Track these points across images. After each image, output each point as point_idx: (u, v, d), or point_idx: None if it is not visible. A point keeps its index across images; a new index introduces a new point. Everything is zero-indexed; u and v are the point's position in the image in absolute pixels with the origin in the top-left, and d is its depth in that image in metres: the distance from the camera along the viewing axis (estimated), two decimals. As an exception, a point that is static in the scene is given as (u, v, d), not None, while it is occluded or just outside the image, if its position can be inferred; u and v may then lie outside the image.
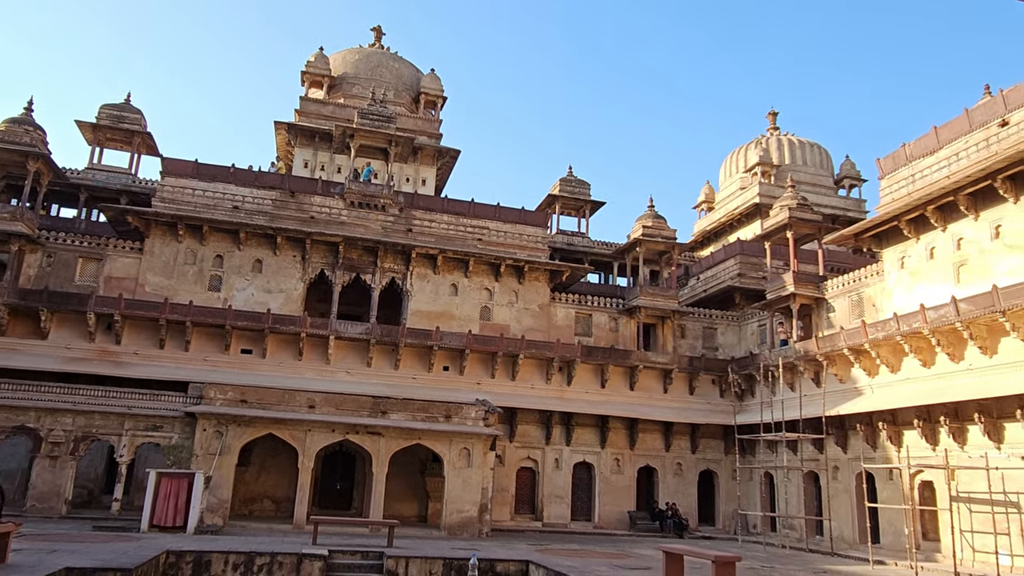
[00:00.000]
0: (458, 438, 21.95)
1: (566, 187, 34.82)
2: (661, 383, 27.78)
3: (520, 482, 26.00)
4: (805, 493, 23.93)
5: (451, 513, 21.54)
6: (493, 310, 27.46)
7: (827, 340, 22.92)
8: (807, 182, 37.33)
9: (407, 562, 14.97)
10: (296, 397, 21.50)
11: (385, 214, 27.12)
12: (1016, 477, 16.82)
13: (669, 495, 26.81)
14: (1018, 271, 17.38)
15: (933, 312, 18.92)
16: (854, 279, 23.89)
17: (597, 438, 26.81)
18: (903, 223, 21.02)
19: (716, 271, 32.31)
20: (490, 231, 28.06)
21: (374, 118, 28.75)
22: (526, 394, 26.26)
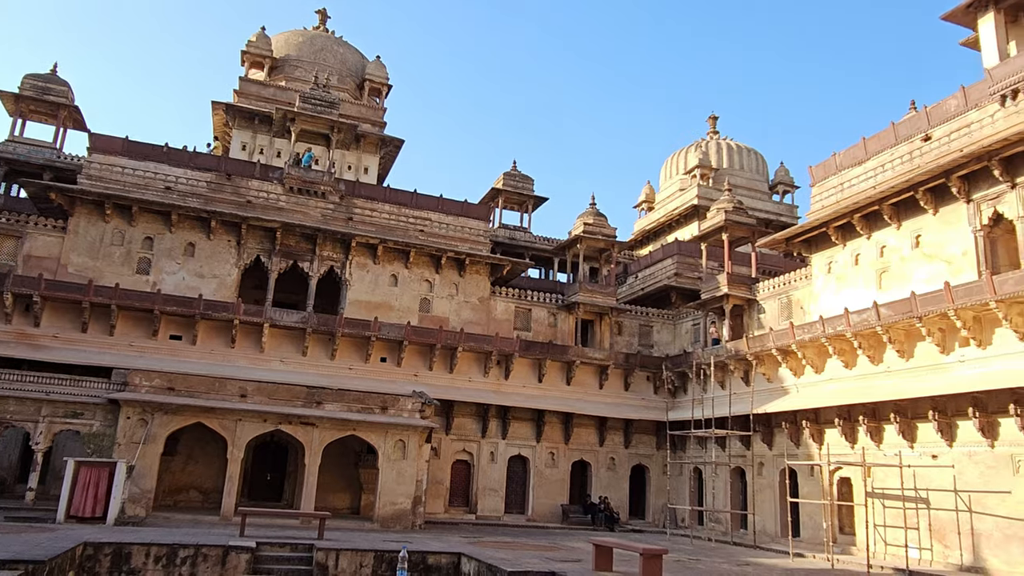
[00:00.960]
0: (394, 430, 21.78)
1: (510, 181, 34.90)
2: (597, 379, 28.18)
3: (455, 475, 26.01)
4: (732, 488, 24.70)
5: (384, 505, 21.38)
6: (433, 302, 27.32)
7: (757, 340, 23.66)
8: (743, 186, 38.39)
9: (337, 554, 14.79)
10: (227, 385, 20.94)
11: (325, 201, 26.63)
12: (926, 475, 17.75)
13: (602, 489, 27.26)
14: (935, 279, 18.28)
15: (856, 316, 19.73)
16: (784, 282, 24.72)
17: (533, 432, 27.03)
18: (831, 230, 21.84)
19: (654, 270, 32.93)
20: (432, 223, 27.89)
21: (316, 103, 28.16)
22: (463, 387, 26.25)
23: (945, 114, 19.02)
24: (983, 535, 16.35)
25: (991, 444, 16.55)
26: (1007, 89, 17.29)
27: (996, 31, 18.20)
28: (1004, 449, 16.30)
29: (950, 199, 18.47)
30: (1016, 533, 15.69)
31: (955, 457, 17.30)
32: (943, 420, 17.53)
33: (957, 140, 18.44)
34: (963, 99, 18.54)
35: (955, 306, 16.96)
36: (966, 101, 18.45)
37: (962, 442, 17.26)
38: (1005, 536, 15.90)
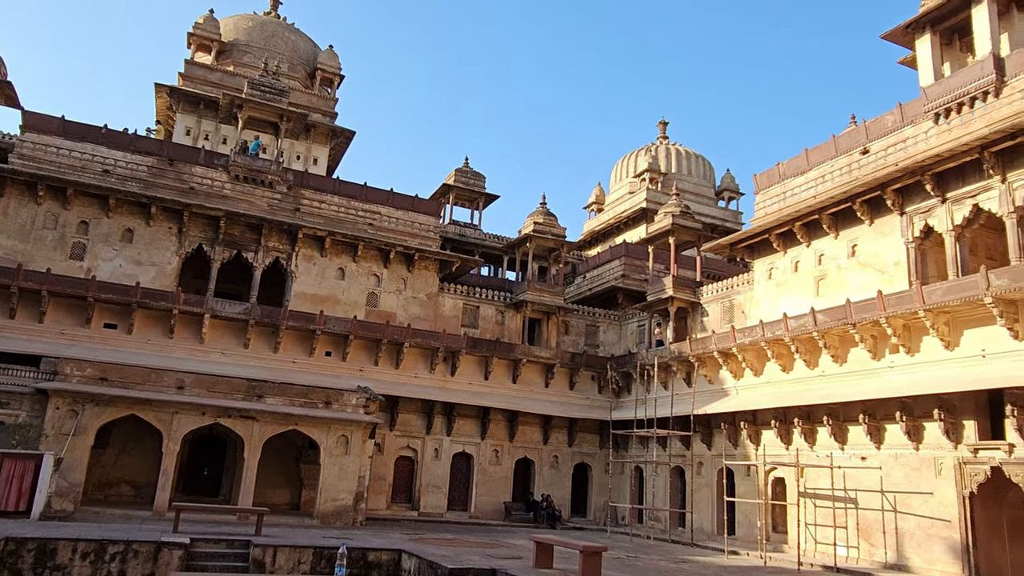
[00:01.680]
0: (337, 425, 21.51)
1: (461, 178, 34.81)
2: (543, 377, 28.36)
3: (398, 471, 25.83)
4: (671, 487, 25.19)
5: (325, 501, 21.10)
6: (380, 297, 27.05)
7: (699, 343, 24.17)
8: (691, 191, 39.15)
9: (275, 551, 14.54)
10: (164, 377, 20.34)
11: (272, 191, 26.08)
12: (855, 475, 18.43)
13: (545, 487, 27.45)
14: (869, 287, 18.98)
15: (794, 321, 20.35)
16: (727, 286, 25.31)
17: (478, 429, 27.04)
18: (773, 237, 22.46)
19: (602, 271, 33.31)
20: (382, 216, 27.60)
21: (265, 90, 27.55)
22: (409, 383, 26.09)
23: (883, 129, 19.76)
24: (906, 534, 17.08)
25: (916, 447, 17.29)
26: (940, 108, 18.07)
27: (932, 52, 18.99)
28: (928, 452, 17.04)
29: (885, 211, 19.20)
30: (937, 532, 16.43)
31: (883, 459, 18.01)
32: (872, 423, 18.23)
33: (893, 154, 19.18)
34: (900, 115, 19.29)
35: (886, 314, 17.64)
36: (902, 117, 19.21)
37: (889, 445, 17.98)
38: (927, 535, 16.64)
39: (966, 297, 16.01)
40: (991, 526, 16.18)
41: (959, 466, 16.31)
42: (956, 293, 16.29)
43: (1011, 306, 15.62)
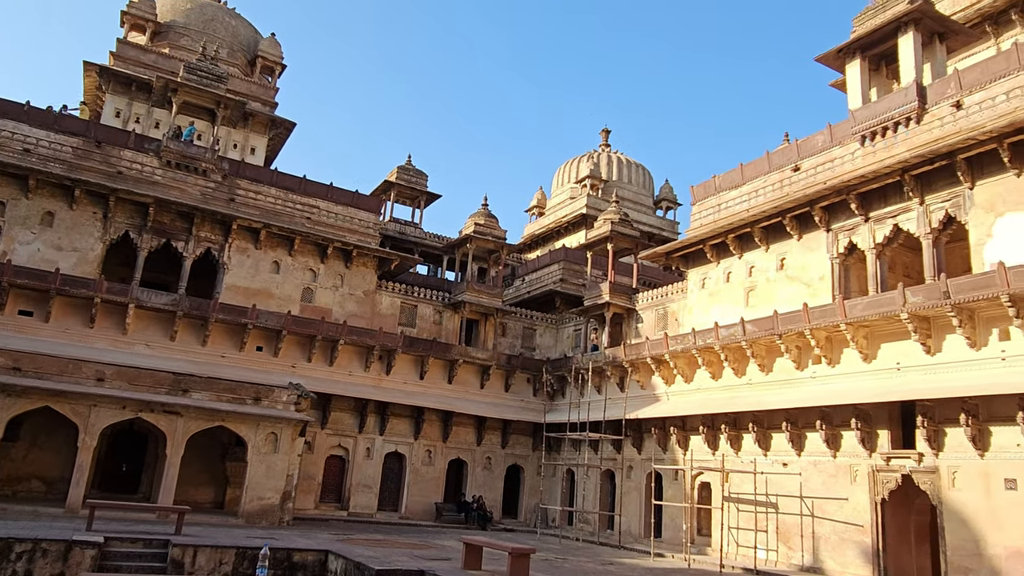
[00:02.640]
0: (266, 422, 21.00)
1: (403, 175, 34.48)
2: (479, 378, 28.35)
3: (329, 470, 25.39)
4: (601, 490, 25.56)
5: (251, 500, 20.56)
6: (316, 292, 26.54)
7: (633, 348, 24.61)
8: (630, 199, 39.84)
9: (195, 551, 14.07)
10: (82, 368, 19.46)
11: (206, 179, 25.27)
12: (777, 481, 19.08)
13: (477, 488, 27.45)
14: (795, 300, 19.69)
15: (725, 331, 20.93)
16: (662, 294, 25.85)
17: (411, 429, 26.83)
18: (707, 247, 23.05)
19: (541, 274, 33.54)
20: (320, 211, 27.09)
21: (203, 75, 26.68)
22: (343, 380, 25.69)
23: (813, 148, 20.53)
24: (822, 538, 17.78)
25: (834, 455, 18.02)
26: (867, 131, 18.91)
27: (861, 77, 19.86)
28: (844, 460, 17.79)
29: (813, 227, 19.96)
30: (850, 537, 17.16)
31: (803, 465, 18.71)
32: (794, 431, 18.92)
33: (822, 173, 19.96)
34: (829, 136, 20.10)
35: (811, 326, 18.33)
36: (832, 138, 20.01)
37: (809, 452, 18.68)
38: (841, 539, 17.37)
39: (884, 313, 16.79)
40: (900, 531, 17.01)
41: (873, 474, 17.08)
42: (875, 308, 17.06)
43: (924, 322, 16.46)
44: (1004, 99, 16.18)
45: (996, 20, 22.33)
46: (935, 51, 19.25)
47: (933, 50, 19.21)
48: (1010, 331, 15.08)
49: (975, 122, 16.46)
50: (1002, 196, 15.95)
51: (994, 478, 14.78)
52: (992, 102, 16.40)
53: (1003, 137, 15.49)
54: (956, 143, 16.19)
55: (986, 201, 16.23)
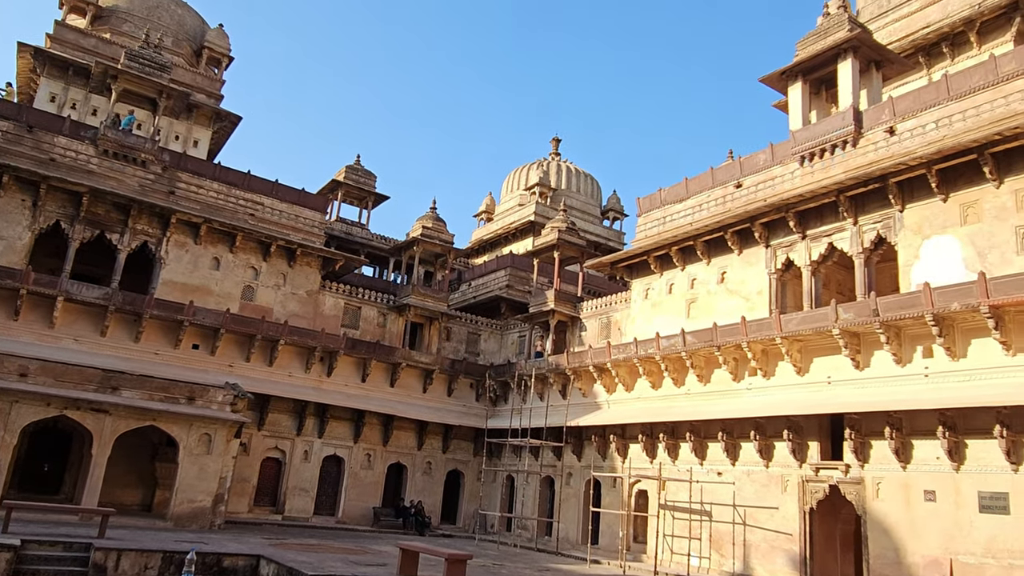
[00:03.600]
0: (200, 422, 20.41)
1: (352, 175, 34.10)
2: (422, 383, 28.17)
3: (264, 473, 24.81)
4: (540, 496, 25.68)
5: (181, 503, 19.94)
6: (257, 291, 25.95)
7: (576, 356, 24.83)
8: (578, 208, 40.27)
9: (119, 555, 13.57)
10: (4, 362, 18.57)
11: (145, 170, 24.46)
12: (712, 490, 19.50)
13: (417, 493, 27.22)
14: (734, 313, 20.20)
15: (665, 341, 21.31)
16: (606, 303, 26.17)
17: (351, 432, 26.46)
18: (651, 259, 23.45)
19: (487, 280, 33.55)
20: (264, 207, 26.53)
21: (145, 63, 25.84)
22: (282, 381, 25.17)
23: (755, 166, 21.14)
24: (753, 546, 18.24)
25: (766, 465, 18.53)
26: (806, 152, 19.58)
27: (802, 99, 20.55)
28: (776, 470, 18.31)
29: (752, 242, 20.52)
30: (780, 545, 17.65)
31: (737, 475, 19.17)
32: (730, 441, 19.37)
33: (763, 190, 20.56)
34: (771, 155, 20.73)
35: (748, 339, 18.83)
36: (773, 157, 20.64)
37: (743, 462, 19.16)
38: (771, 547, 17.85)
39: (817, 328, 17.37)
40: (826, 540, 17.58)
41: (802, 484, 17.62)
42: (809, 324, 17.64)
43: (855, 338, 17.09)
44: (934, 127, 16.98)
45: (928, 52, 23.47)
46: (872, 78, 20.08)
47: (870, 77, 20.04)
48: (933, 349, 15.79)
49: (907, 148, 17.22)
50: (929, 220, 16.71)
51: (914, 489, 15.43)
52: (923, 130, 17.19)
53: (932, 163, 16.24)
54: (888, 167, 16.90)
55: (915, 224, 16.98)
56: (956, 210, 16.24)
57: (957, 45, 22.85)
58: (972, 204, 15.99)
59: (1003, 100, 15.82)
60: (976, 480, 14.46)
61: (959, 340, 15.41)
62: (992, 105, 15.99)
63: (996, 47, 21.27)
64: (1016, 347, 14.47)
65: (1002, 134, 14.93)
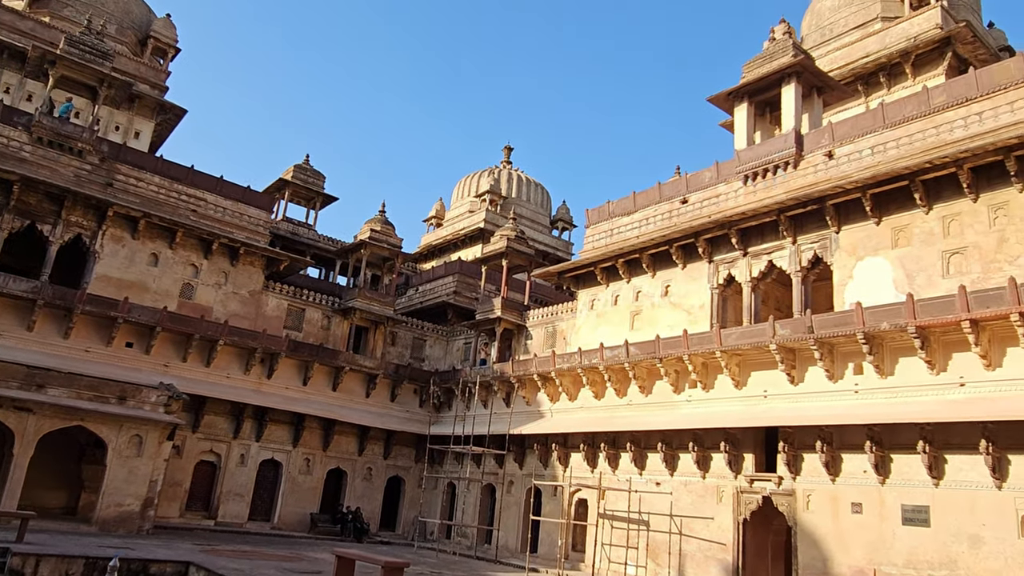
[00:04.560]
0: (131, 423, 19.71)
1: (300, 175, 33.56)
2: (365, 387, 27.83)
3: (198, 477, 24.09)
4: (481, 504, 25.62)
5: (108, 506, 19.20)
6: (197, 289, 25.24)
7: (521, 365, 24.91)
8: (528, 217, 40.49)
9: (38, 560, 12.98)
10: (-80, 357, 17.62)
11: (81, 160, 23.57)
12: (650, 499, 19.79)
13: (356, 499, 26.84)
14: (677, 326, 20.58)
15: (609, 352, 21.57)
16: (552, 313, 26.36)
17: (290, 436, 25.95)
18: (598, 270, 23.73)
19: (435, 285, 33.43)
20: (208, 204, 25.85)
21: (86, 49, 24.91)
22: (220, 383, 24.52)
23: (701, 183, 21.64)
24: (688, 555, 18.57)
25: (703, 476, 18.90)
26: (749, 171, 20.14)
27: (747, 120, 21.16)
28: (713, 481, 18.70)
29: (696, 258, 20.98)
30: (714, 555, 18.01)
31: (675, 485, 19.50)
32: (669, 452, 19.70)
33: (708, 207, 21.05)
34: (716, 173, 21.25)
35: (689, 352, 19.21)
36: (718, 175, 21.16)
37: (681, 472, 19.51)
38: (705, 557, 18.20)
39: (755, 343, 17.84)
40: (759, 550, 18.02)
41: (737, 494, 18.04)
42: (747, 339, 18.11)
43: (790, 354, 17.62)
44: (870, 153, 17.69)
45: (867, 80, 24.48)
46: (813, 103, 20.82)
47: (812, 102, 20.76)
48: (863, 366, 16.39)
49: (844, 172, 17.89)
50: (863, 241, 17.38)
51: (843, 502, 15.96)
52: (859, 155, 17.90)
53: (866, 188, 16.91)
54: (826, 190, 17.52)
55: (849, 245, 17.63)
56: (888, 233, 16.93)
57: (894, 76, 23.92)
58: (903, 228, 16.70)
59: (934, 130, 16.60)
60: (900, 493, 15.05)
61: (887, 358, 16.04)
62: (924, 135, 16.75)
63: (929, 79, 22.34)
64: (939, 366, 15.14)
65: (932, 163, 15.66)
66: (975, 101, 16.03)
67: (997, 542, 13.44)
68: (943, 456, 14.57)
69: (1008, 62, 16.18)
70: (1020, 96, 15.31)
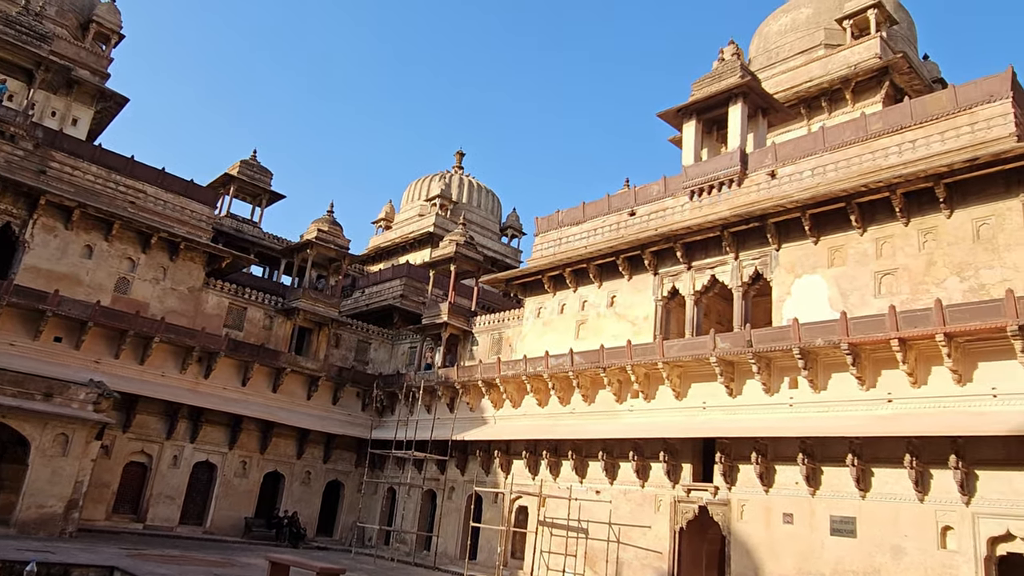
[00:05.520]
0: (56, 421, 18.91)
1: (246, 170, 32.84)
2: (306, 389, 27.35)
3: (127, 478, 23.23)
4: (422, 510, 25.42)
5: (28, 508, 18.36)
6: (133, 284, 24.40)
7: (466, 371, 24.85)
8: (478, 223, 40.50)
9: (-50, 565, 12.34)
10: None
11: (14, 145, 22.57)
12: (590, 507, 19.95)
13: (294, 503, 26.30)
14: (621, 336, 20.86)
15: (554, 360, 21.70)
16: (499, 319, 26.39)
17: (227, 438, 25.28)
18: (546, 278, 23.89)
19: (382, 288, 33.10)
20: (148, 196, 25.05)
21: (22, 30, 23.90)
22: (154, 381, 23.74)
23: (649, 196, 22.01)
24: (625, 563, 18.78)
25: (642, 485, 19.17)
26: (696, 187, 20.60)
27: (695, 137, 21.65)
28: (651, 490, 18.98)
29: (642, 269, 21.32)
30: (651, 563, 18.27)
31: (614, 493, 19.72)
32: (609, 461, 19.92)
33: (655, 220, 21.42)
34: (664, 187, 21.65)
35: (632, 362, 19.48)
36: (665, 189, 21.57)
37: (621, 481, 19.74)
38: (642, 565, 18.44)
39: (696, 355, 18.21)
40: (694, 559, 18.36)
41: (674, 504, 18.34)
42: (689, 351, 18.47)
43: (730, 367, 18.04)
44: (810, 174, 18.30)
45: (809, 104, 25.34)
46: (759, 123, 21.44)
47: (757, 122, 21.38)
48: (798, 380, 16.90)
49: (785, 192, 18.46)
50: (801, 260, 17.95)
51: (775, 512, 16.40)
52: (800, 176, 18.49)
53: (806, 208, 17.47)
54: (768, 208, 18.04)
55: (788, 262, 18.19)
56: (825, 253, 17.53)
57: (835, 101, 24.82)
58: (839, 248, 17.32)
59: (871, 155, 17.28)
60: (829, 505, 15.55)
61: (821, 373, 16.58)
62: (861, 159, 17.43)
63: (868, 106, 23.26)
64: (869, 382, 15.73)
65: (868, 187, 16.30)
66: (909, 129, 16.76)
67: (918, 553, 14.01)
68: (870, 469, 15.12)
69: (940, 94, 16.97)
70: (950, 127, 16.08)
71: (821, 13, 27.60)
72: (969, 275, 15.05)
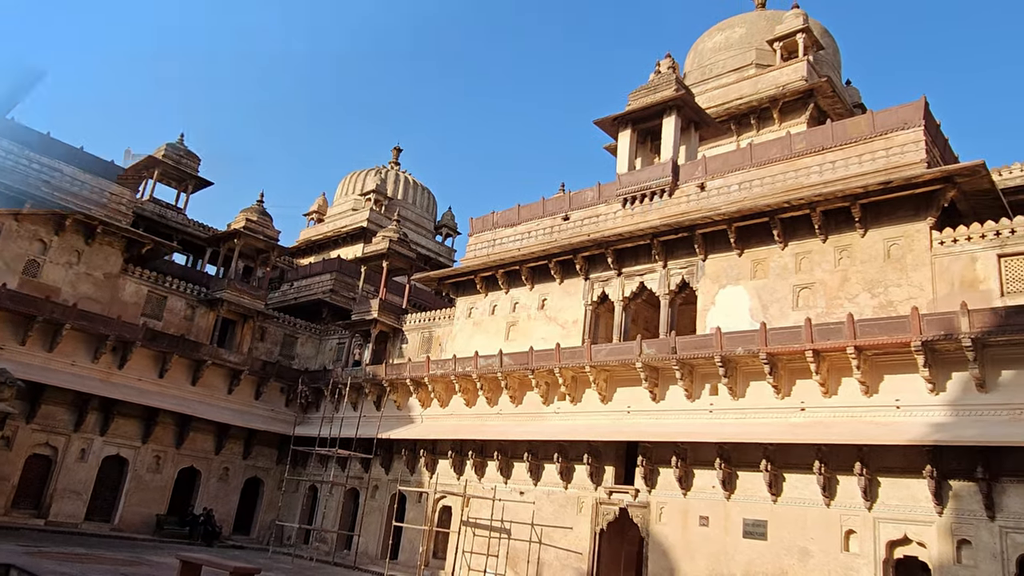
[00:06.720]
0: (-48, 411, 17.76)
1: (172, 154, 31.61)
2: (228, 383, 26.56)
3: (29, 471, 22.04)
4: (344, 509, 25.03)
5: (-85, 503, 17.20)
6: (44, 267, 23.18)
7: (394, 368, 24.62)
8: (412, 220, 40.22)
9: None
10: None
11: (-84, 115, 21.12)
12: (513, 508, 20.07)
13: (210, 500, 25.48)
14: (551, 339, 21.07)
15: (483, 360, 21.73)
16: (430, 318, 26.25)
17: (140, 431, 24.29)
18: (478, 279, 23.91)
19: (311, 282, 32.47)
20: (63, 175, 23.83)
21: (-68, -7, 22.42)
22: (63, 371, 22.60)
23: (583, 202, 22.32)
24: (546, 563, 18.98)
25: (566, 486, 19.42)
26: (628, 195, 21.01)
27: (630, 146, 22.08)
28: (574, 492, 19.23)
29: (573, 274, 21.60)
30: (571, 564, 18.51)
31: (538, 495, 19.89)
32: (534, 462, 20.09)
33: (588, 226, 21.74)
34: (598, 194, 21.99)
35: (560, 365, 19.71)
36: (599, 196, 21.92)
37: (545, 482, 19.94)
38: (562, 565, 18.67)
39: (622, 360, 18.56)
40: (613, 559, 18.71)
41: (596, 506, 18.65)
42: (615, 355, 18.81)
43: (654, 372, 18.47)
44: (737, 188, 18.93)
45: (739, 121, 26.20)
46: (691, 136, 22.04)
47: (690, 135, 21.98)
48: (719, 387, 17.45)
49: (713, 204, 19.03)
50: (726, 270, 18.54)
51: (692, 515, 16.88)
52: (728, 189, 19.10)
53: (732, 221, 18.07)
54: (696, 219, 18.57)
55: (713, 273, 18.76)
56: (748, 265, 18.16)
57: (763, 119, 25.74)
58: (761, 261, 17.97)
59: (794, 173, 18.00)
60: (743, 508, 16.11)
61: (741, 381, 17.17)
62: (785, 176, 18.13)
63: (793, 126, 24.22)
64: (785, 391, 16.38)
65: (790, 203, 16.98)
66: (830, 150, 17.55)
67: (823, 555, 14.68)
68: (782, 475, 15.75)
69: (860, 118, 17.82)
70: (867, 150, 16.92)
71: (754, 34, 28.58)
72: (879, 292, 15.87)
